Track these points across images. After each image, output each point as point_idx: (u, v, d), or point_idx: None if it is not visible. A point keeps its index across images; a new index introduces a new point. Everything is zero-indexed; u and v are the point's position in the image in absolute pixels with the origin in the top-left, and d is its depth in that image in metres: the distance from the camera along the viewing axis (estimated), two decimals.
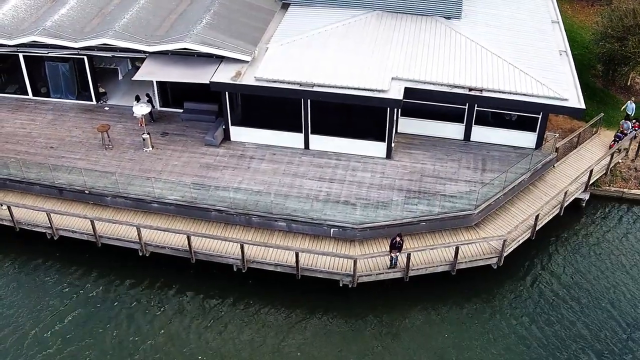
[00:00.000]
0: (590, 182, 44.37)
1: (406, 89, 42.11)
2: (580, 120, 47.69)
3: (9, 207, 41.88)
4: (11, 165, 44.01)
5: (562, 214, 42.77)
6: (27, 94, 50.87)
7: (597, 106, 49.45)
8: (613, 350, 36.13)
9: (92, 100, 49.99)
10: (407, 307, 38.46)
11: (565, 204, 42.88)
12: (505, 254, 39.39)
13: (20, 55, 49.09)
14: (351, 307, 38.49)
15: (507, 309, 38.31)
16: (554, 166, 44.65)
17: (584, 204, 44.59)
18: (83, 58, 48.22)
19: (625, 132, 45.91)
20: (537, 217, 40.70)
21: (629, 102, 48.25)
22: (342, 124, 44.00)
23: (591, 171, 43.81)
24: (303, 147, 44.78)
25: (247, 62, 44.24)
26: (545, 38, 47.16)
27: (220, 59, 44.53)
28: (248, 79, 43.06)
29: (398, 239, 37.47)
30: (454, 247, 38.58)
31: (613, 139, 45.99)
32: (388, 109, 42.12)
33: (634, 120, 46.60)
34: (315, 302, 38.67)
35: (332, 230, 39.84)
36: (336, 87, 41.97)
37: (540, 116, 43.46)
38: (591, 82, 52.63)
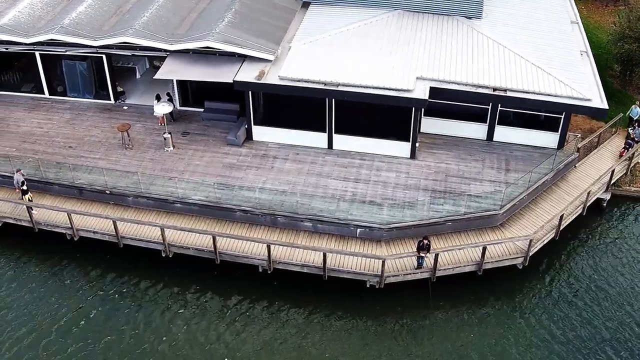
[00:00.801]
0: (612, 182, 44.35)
1: (431, 88, 41.85)
2: (600, 120, 47.55)
3: (27, 208, 41.31)
4: (29, 165, 43.48)
5: (584, 214, 42.67)
6: (43, 93, 50.42)
7: (615, 106, 49.29)
8: (632, 350, 36.08)
9: (110, 100, 49.58)
10: (432, 307, 38.28)
11: (588, 204, 42.76)
12: (530, 254, 39.19)
13: (37, 54, 48.62)
14: (374, 307, 38.32)
15: (531, 309, 38.21)
16: (575, 166, 44.48)
17: (605, 204, 44.53)
18: (101, 56, 47.79)
19: (636, 138, 45.39)
20: (561, 217, 40.59)
21: (633, 106, 47.64)
22: (366, 123, 43.77)
23: (613, 171, 43.73)
24: (326, 146, 44.53)
25: (270, 61, 43.92)
26: (565, 38, 47.10)
27: (243, 58, 44.20)
28: (272, 78, 42.76)
29: (425, 241, 37.29)
30: (481, 247, 38.40)
31: (623, 146, 45.51)
32: (413, 108, 41.88)
33: None
34: (339, 303, 38.49)
35: (358, 230, 39.60)
36: (361, 86, 41.72)
37: (562, 116, 43.36)
38: (609, 82, 52.58)
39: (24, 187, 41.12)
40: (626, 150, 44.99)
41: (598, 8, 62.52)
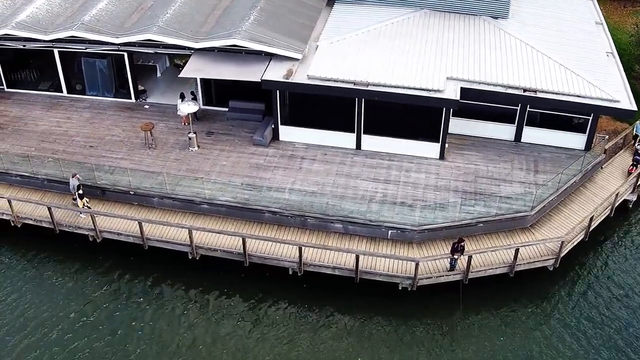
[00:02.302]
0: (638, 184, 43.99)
1: (461, 89, 41.43)
2: (624, 122, 47.43)
3: (49, 208, 40.51)
4: (49, 165, 42.69)
5: (612, 215, 42.47)
6: (62, 92, 49.55)
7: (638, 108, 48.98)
8: None
9: (131, 98, 48.73)
10: (463, 310, 37.86)
11: (616, 205, 42.59)
12: (561, 256, 38.89)
13: (56, 51, 47.73)
14: (406, 310, 37.89)
15: (563, 312, 37.88)
16: (602, 167, 44.20)
17: (631, 205, 44.27)
18: (122, 54, 46.92)
19: None
20: (591, 218, 40.36)
21: (638, 122, 46.58)
22: (394, 124, 43.23)
23: None
24: (354, 147, 43.95)
25: (298, 60, 43.30)
26: (591, 39, 46.88)
27: (270, 56, 43.57)
28: (300, 77, 42.15)
29: (461, 243, 36.94)
30: (514, 249, 38.03)
31: (632, 163, 44.34)
32: (444, 109, 41.42)
33: None
34: (371, 306, 38.03)
35: (389, 232, 39.13)
36: (392, 86, 41.22)
37: (590, 117, 43.06)
38: (631, 84, 52.07)
39: (80, 192, 40.09)
40: (635, 168, 43.73)
41: (617, 9, 62.27)
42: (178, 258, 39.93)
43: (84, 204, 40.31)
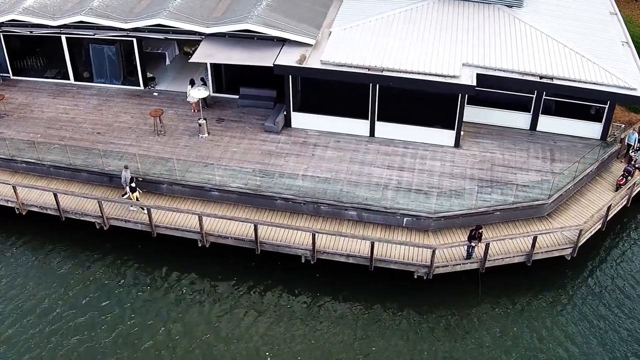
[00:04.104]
0: None
1: (477, 75, 40.73)
2: (639, 113, 46.83)
3: (55, 195, 39.65)
4: (55, 151, 41.89)
5: (629, 205, 41.91)
6: (69, 79, 48.80)
7: None
8: None
9: (139, 86, 47.94)
10: (480, 299, 37.14)
11: (633, 195, 42.05)
12: (579, 245, 38.18)
13: (63, 38, 46.96)
14: (422, 299, 37.11)
15: (581, 302, 37.12)
16: (617, 157, 43.49)
17: None
18: (132, 41, 46.12)
19: (637, 165, 42.63)
20: (609, 207, 39.72)
21: (631, 130, 44.51)
22: (409, 110, 42.52)
23: None
24: (368, 134, 43.22)
25: (311, 45, 42.57)
26: (606, 28, 46.26)
27: (282, 42, 42.86)
28: (313, 63, 41.41)
29: (479, 230, 36.20)
30: (532, 237, 37.31)
31: (622, 174, 42.23)
32: (459, 95, 40.72)
33: None
34: (386, 295, 37.22)
35: (405, 219, 38.33)
36: (407, 72, 40.53)
37: (607, 106, 42.45)
38: None
39: (133, 184, 39.02)
40: (625, 180, 41.66)
41: (628, 3, 62.01)
42: (187, 245, 39.12)
43: (136, 198, 39.20)
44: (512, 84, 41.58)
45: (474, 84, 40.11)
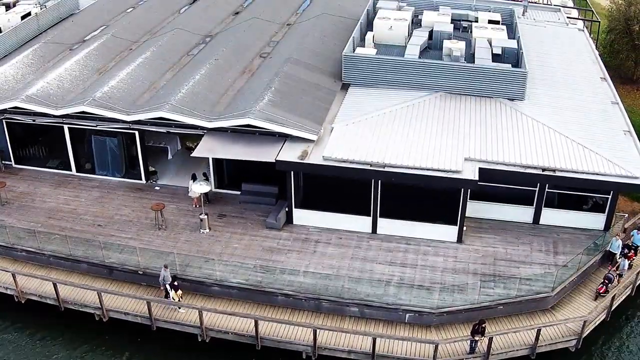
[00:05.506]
0: None
1: (480, 169, 40.96)
2: None
3: (54, 284, 39.40)
4: (56, 241, 41.80)
5: (633, 294, 41.87)
6: (71, 170, 48.90)
7: None
8: None
9: (141, 179, 47.97)
10: None
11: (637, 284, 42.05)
12: (583, 336, 38.01)
13: (65, 128, 47.23)
14: None
15: None
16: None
17: None
18: (134, 133, 46.34)
19: (620, 272, 41.37)
20: (613, 297, 39.68)
21: (614, 238, 41.77)
22: (411, 206, 42.55)
23: None
24: (370, 231, 43.13)
25: (313, 141, 42.83)
26: (607, 118, 46.82)
27: (284, 137, 43.11)
28: (315, 159, 41.62)
29: (482, 324, 35.98)
30: (536, 330, 37.09)
31: (602, 281, 40.27)
32: (462, 190, 40.83)
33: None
34: None
35: (407, 315, 38.05)
36: (409, 167, 40.75)
37: (610, 196, 42.68)
38: None
39: (176, 283, 38.51)
40: (605, 288, 40.22)
41: (629, 92, 63.06)
42: (187, 340, 38.70)
43: (179, 297, 38.71)
44: (515, 178, 41.74)
45: (477, 178, 40.28)
